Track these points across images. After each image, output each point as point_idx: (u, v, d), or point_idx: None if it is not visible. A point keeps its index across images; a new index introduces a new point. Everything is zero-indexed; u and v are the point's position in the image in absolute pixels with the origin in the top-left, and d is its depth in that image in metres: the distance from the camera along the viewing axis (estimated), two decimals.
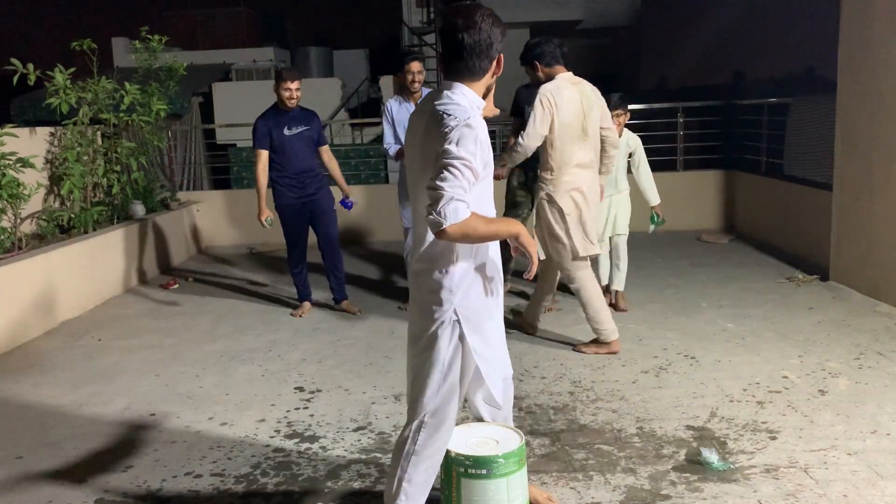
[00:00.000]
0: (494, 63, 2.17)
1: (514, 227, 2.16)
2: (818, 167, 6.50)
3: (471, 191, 2.00)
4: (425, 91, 5.23)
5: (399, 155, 5.11)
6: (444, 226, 1.95)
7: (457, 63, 2.14)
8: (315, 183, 5.12)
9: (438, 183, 1.96)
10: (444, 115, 2.05)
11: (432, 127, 2.07)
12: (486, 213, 2.17)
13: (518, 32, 14.78)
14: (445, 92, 2.16)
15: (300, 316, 5.20)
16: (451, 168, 1.97)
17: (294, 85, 4.92)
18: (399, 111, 5.12)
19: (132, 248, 6.44)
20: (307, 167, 5.08)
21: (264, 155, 4.98)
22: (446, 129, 2.01)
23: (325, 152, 5.23)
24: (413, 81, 5.00)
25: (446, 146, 1.99)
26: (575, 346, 4.38)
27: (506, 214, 5.25)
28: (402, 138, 5.15)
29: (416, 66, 5.01)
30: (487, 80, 2.19)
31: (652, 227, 5.26)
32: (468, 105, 2.11)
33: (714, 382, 3.77)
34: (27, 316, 4.94)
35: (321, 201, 5.13)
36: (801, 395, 3.56)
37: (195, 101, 12.32)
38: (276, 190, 5.06)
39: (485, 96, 2.22)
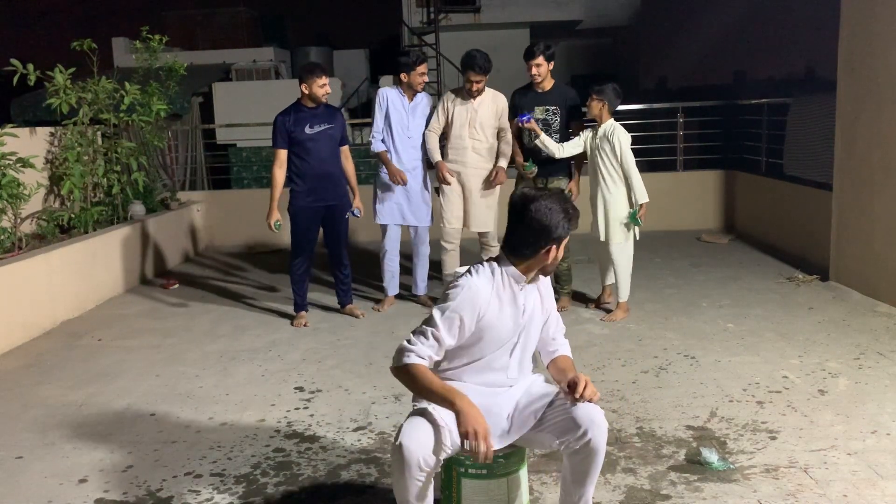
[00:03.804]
0: (544, 252, 2.23)
1: (456, 403, 2.12)
2: (818, 167, 6.49)
3: (436, 350, 2.21)
4: (420, 93, 5.22)
5: (380, 156, 5.14)
6: (392, 365, 2.23)
7: (509, 238, 2.28)
8: (334, 190, 4.92)
9: (410, 335, 2.24)
10: (454, 280, 2.29)
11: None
12: (474, 382, 2.32)
13: (518, 32, 14.80)
14: (489, 262, 2.31)
15: (302, 325, 5.03)
16: (421, 326, 2.24)
17: (328, 80, 4.77)
18: (394, 101, 5.12)
19: (132, 248, 6.44)
20: (327, 171, 4.86)
21: (282, 154, 4.79)
22: (444, 292, 2.28)
23: (344, 152, 5.03)
24: (421, 83, 5.08)
25: (436, 307, 2.26)
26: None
27: None
28: (395, 131, 5.12)
29: (424, 67, 5.08)
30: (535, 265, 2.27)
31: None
32: (483, 282, 2.23)
33: (714, 382, 3.77)
34: (27, 316, 4.94)
35: (337, 209, 4.95)
36: (801, 395, 3.56)
37: (195, 101, 12.30)
38: (292, 192, 4.88)
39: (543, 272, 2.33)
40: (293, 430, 3.40)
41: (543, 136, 4.85)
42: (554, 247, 2.23)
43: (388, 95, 5.15)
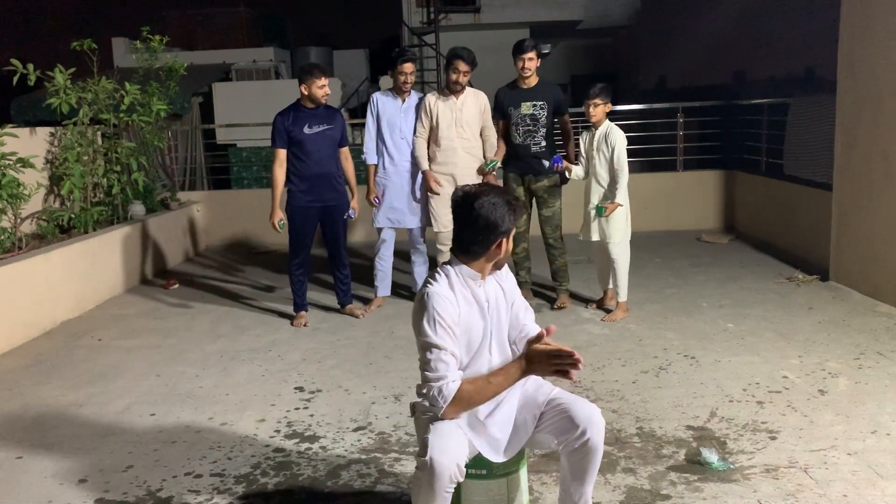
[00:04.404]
0: (495, 247, 2.22)
1: (524, 369, 2.12)
2: (818, 167, 6.49)
3: (455, 363, 2.14)
4: (414, 93, 5.23)
5: (368, 169, 5.20)
6: (441, 412, 2.12)
7: (458, 238, 2.26)
8: (332, 190, 4.92)
9: (423, 373, 2.16)
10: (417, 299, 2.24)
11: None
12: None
13: (518, 32, 14.79)
14: (443, 267, 2.29)
15: (302, 325, 5.03)
16: (425, 356, 2.15)
17: (327, 81, 4.78)
18: (385, 105, 5.13)
19: (132, 248, 6.44)
20: (326, 171, 4.87)
21: (282, 153, 4.80)
22: (415, 318, 2.22)
23: (344, 153, 5.03)
24: (405, 82, 5.06)
25: (418, 337, 2.19)
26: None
27: None
28: (387, 133, 5.14)
29: (408, 67, 5.05)
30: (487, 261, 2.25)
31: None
32: (443, 288, 2.21)
33: (714, 382, 3.77)
34: (27, 316, 4.94)
35: (336, 209, 4.97)
36: (801, 395, 3.56)
37: (195, 101, 12.29)
38: (290, 191, 4.88)
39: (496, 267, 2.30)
40: (293, 430, 3.39)
41: (575, 169, 4.92)
42: (504, 240, 2.23)
43: (379, 100, 5.17)
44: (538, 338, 2.15)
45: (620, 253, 4.85)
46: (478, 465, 2.27)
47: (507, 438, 2.29)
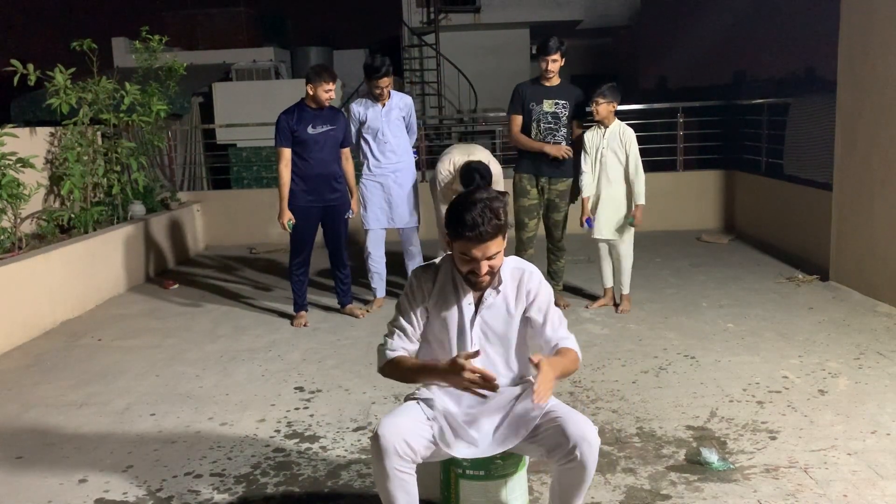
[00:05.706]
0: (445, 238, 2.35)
1: (441, 375, 2.16)
2: (818, 167, 6.50)
3: (406, 340, 2.32)
4: (395, 94, 5.26)
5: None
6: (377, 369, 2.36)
7: None
8: (333, 190, 4.93)
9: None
10: None
11: None
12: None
13: (518, 32, 14.80)
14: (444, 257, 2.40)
15: (302, 325, 5.03)
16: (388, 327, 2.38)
17: (334, 86, 4.81)
18: (365, 113, 5.17)
19: (132, 248, 6.44)
20: (327, 171, 4.88)
21: (287, 153, 4.79)
22: None
23: (345, 154, 5.04)
24: (381, 95, 5.11)
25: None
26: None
27: (515, 218, 5.20)
28: (370, 138, 5.18)
29: (385, 81, 5.08)
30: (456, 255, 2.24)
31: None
32: (427, 272, 2.36)
33: (714, 382, 3.77)
34: (27, 316, 4.94)
35: (337, 208, 4.98)
36: (801, 395, 3.56)
37: (195, 101, 12.29)
38: (291, 191, 4.84)
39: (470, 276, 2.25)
40: (293, 430, 3.40)
41: (585, 181, 4.95)
42: (452, 240, 2.19)
43: (357, 110, 5.20)
44: (537, 363, 2.09)
45: (629, 251, 5.04)
46: (476, 467, 2.27)
47: (482, 438, 2.25)
